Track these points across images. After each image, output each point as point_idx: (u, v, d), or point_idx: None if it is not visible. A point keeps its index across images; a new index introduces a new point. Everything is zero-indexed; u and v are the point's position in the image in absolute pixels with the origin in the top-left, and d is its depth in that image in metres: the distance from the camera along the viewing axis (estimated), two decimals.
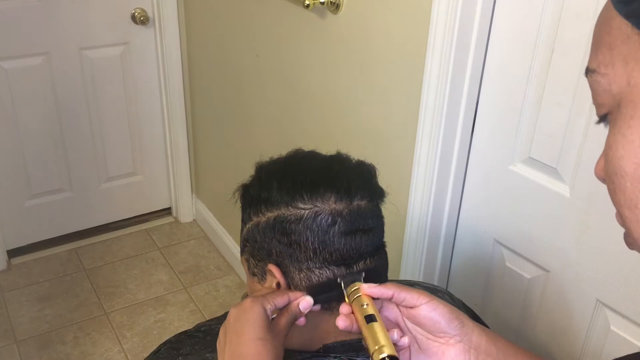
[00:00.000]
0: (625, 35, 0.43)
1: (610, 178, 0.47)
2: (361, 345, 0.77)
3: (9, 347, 2.12)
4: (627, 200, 0.45)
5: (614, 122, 0.46)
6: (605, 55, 0.45)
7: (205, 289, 2.44)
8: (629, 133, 0.44)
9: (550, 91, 1.15)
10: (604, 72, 0.45)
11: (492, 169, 1.32)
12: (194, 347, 0.89)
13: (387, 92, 1.44)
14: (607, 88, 0.45)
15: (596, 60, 0.46)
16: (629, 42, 0.43)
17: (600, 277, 1.16)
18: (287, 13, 1.74)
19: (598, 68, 0.46)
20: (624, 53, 0.43)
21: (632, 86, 0.43)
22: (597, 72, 0.46)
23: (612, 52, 0.44)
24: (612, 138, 0.45)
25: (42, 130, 2.40)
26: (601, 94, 0.46)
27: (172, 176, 2.78)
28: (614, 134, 0.45)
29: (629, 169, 0.44)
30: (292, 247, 0.74)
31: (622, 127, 0.44)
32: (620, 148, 0.44)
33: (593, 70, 0.46)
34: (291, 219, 0.74)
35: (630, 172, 0.44)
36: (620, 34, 0.43)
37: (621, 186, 0.45)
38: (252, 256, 0.80)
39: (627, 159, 0.44)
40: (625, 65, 0.43)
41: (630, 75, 0.43)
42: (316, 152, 0.84)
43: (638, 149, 0.43)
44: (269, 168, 0.81)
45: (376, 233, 0.78)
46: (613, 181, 0.46)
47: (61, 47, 2.33)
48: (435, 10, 1.23)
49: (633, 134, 0.43)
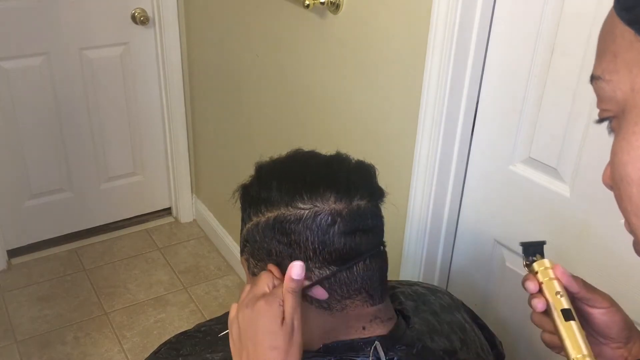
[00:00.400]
0: (628, 42, 0.43)
1: (617, 185, 0.46)
2: (362, 346, 0.76)
3: (9, 347, 2.12)
4: (635, 207, 0.45)
5: (618, 129, 0.45)
6: (609, 62, 0.45)
7: (205, 289, 2.44)
8: (634, 139, 0.43)
9: (550, 91, 1.15)
10: (608, 78, 0.45)
11: (492, 169, 1.32)
12: (194, 347, 0.90)
13: (387, 92, 1.44)
14: (612, 95, 0.45)
15: (600, 67, 0.46)
16: (633, 49, 0.43)
17: (601, 277, 1.16)
18: (287, 13, 1.74)
19: (602, 75, 0.46)
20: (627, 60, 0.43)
21: (636, 92, 0.43)
22: (601, 79, 0.46)
23: (616, 59, 0.44)
24: (617, 145, 0.45)
25: (42, 130, 2.40)
26: (606, 100, 0.46)
27: (172, 176, 2.78)
28: (619, 141, 0.45)
29: (634, 175, 0.44)
30: (291, 247, 0.74)
31: (626, 134, 0.44)
32: (625, 154, 0.44)
33: (598, 77, 0.46)
34: (291, 218, 0.74)
35: (635, 178, 0.44)
36: (623, 41, 0.43)
37: (628, 193, 0.45)
38: (252, 256, 0.80)
39: (632, 165, 0.44)
40: (629, 72, 0.43)
41: (634, 82, 0.43)
42: (316, 152, 0.84)
43: None
44: (269, 168, 0.81)
45: (376, 233, 0.78)
46: (619, 188, 0.46)
47: (61, 47, 2.33)
48: (435, 10, 1.23)
49: (638, 140, 0.43)
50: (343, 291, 0.75)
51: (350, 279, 0.75)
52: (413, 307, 0.92)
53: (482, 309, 1.42)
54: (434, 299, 0.97)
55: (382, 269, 0.79)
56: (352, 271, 0.75)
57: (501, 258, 1.37)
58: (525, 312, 1.37)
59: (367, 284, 0.76)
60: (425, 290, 1.00)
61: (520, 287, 1.41)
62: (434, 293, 0.99)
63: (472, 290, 1.45)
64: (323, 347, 0.77)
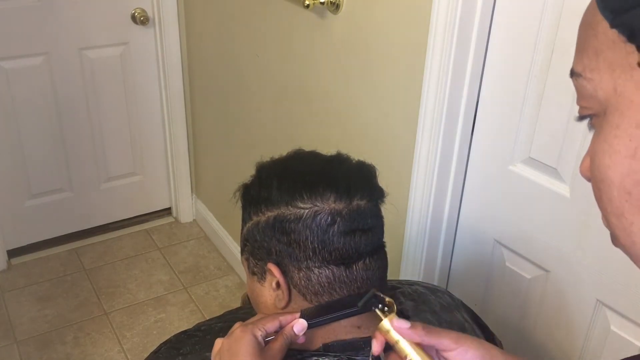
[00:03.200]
0: (611, 41, 0.42)
1: (597, 184, 0.46)
2: (361, 345, 0.77)
3: (9, 347, 2.12)
4: (614, 208, 0.45)
5: (600, 127, 0.45)
6: (591, 59, 0.44)
7: (205, 289, 2.44)
8: (616, 142, 0.43)
9: (550, 91, 1.15)
10: (589, 77, 0.44)
11: (492, 169, 1.32)
12: (194, 346, 0.90)
13: (387, 92, 1.44)
14: (593, 93, 0.44)
15: (581, 64, 0.45)
16: (615, 48, 0.42)
17: (600, 277, 1.16)
18: (287, 13, 1.74)
19: (583, 72, 0.45)
20: (610, 59, 0.42)
21: (619, 94, 0.42)
22: (582, 77, 0.45)
23: (598, 57, 0.43)
24: (598, 145, 0.45)
25: (42, 130, 2.40)
26: (587, 98, 0.45)
27: (172, 176, 2.78)
28: (600, 142, 0.44)
29: (615, 178, 0.43)
30: (291, 246, 0.75)
31: (608, 136, 0.43)
32: (607, 157, 0.44)
33: (578, 74, 0.45)
34: (291, 218, 0.74)
35: (617, 181, 0.43)
36: (606, 39, 0.42)
37: (608, 194, 0.45)
38: (252, 255, 0.80)
39: (614, 168, 0.43)
40: (612, 72, 0.42)
41: (617, 83, 0.42)
42: (317, 152, 0.84)
43: (625, 159, 0.42)
44: (269, 168, 0.81)
45: (375, 233, 0.78)
46: (600, 188, 0.46)
47: (61, 47, 2.33)
48: (435, 10, 1.23)
49: (619, 144, 0.42)
50: (343, 291, 0.76)
51: (350, 278, 0.75)
52: (413, 307, 0.93)
53: (482, 309, 1.42)
54: (434, 299, 0.97)
55: (381, 269, 0.79)
56: (351, 271, 0.75)
57: (501, 258, 1.37)
58: (525, 312, 1.37)
59: (367, 283, 0.76)
60: (425, 289, 1.00)
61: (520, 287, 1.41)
62: (434, 292, 0.99)
63: (472, 290, 1.45)
64: (322, 346, 0.77)
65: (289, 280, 0.76)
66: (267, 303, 0.80)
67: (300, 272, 0.75)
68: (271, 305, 0.79)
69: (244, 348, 0.70)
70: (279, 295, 0.78)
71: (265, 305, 0.81)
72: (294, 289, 0.77)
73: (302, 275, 0.75)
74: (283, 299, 0.77)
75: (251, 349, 0.70)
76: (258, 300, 0.82)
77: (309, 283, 0.75)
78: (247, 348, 0.70)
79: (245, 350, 0.70)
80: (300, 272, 0.75)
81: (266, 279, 0.79)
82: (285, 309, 0.78)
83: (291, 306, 0.78)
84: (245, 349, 0.70)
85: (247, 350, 0.70)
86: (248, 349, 0.70)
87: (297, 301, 0.77)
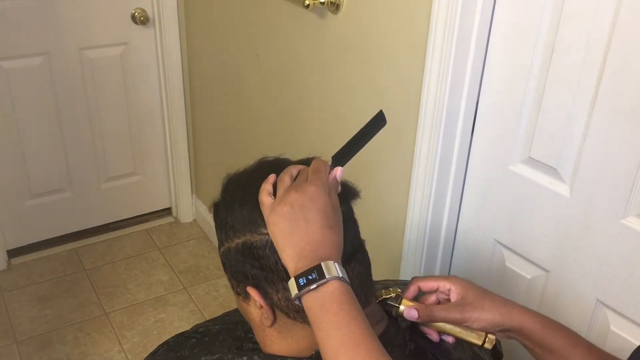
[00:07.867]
0: None
1: None
2: None
3: (9, 347, 2.12)
4: None
5: None
6: None
7: (205, 289, 2.44)
8: None
9: (550, 91, 1.15)
10: None
11: (492, 169, 1.32)
12: (192, 350, 0.89)
13: (387, 92, 1.44)
14: None
15: None
16: None
17: (600, 277, 1.16)
18: (287, 13, 1.74)
19: None
20: None
21: None
22: None
23: None
24: None
25: (42, 130, 2.40)
26: None
27: (172, 176, 2.78)
28: None
29: None
30: (264, 270, 0.73)
31: None
32: None
33: None
34: (257, 244, 0.73)
35: None
36: None
37: None
38: (233, 277, 0.79)
39: None
40: None
41: None
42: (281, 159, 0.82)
43: None
44: (233, 187, 0.80)
45: (351, 238, 0.75)
46: None
47: (61, 47, 2.32)
48: (435, 10, 1.23)
49: None
50: None
51: None
52: None
53: None
54: None
55: (362, 274, 0.77)
56: None
57: (501, 258, 1.37)
58: None
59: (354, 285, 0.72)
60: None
61: (520, 287, 1.41)
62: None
63: None
64: (315, 353, 0.76)
65: (269, 301, 0.75)
66: (256, 321, 0.79)
67: (279, 294, 0.74)
68: (260, 323, 0.79)
69: (321, 207, 0.70)
70: (264, 314, 0.77)
71: (254, 322, 0.80)
72: (276, 309, 0.76)
73: (280, 296, 0.74)
74: (268, 319, 0.76)
75: (328, 209, 0.70)
76: (248, 317, 0.82)
77: (288, 303, 0.74)
78: (324, 208, 0.70)
79: (322, 209, 0.70)
80: (279, 294, 0.74)
81: (250, 299, 0.78)
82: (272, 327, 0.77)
83: (278, 324, 0.77)
84: (323, 209, 0.70)
85: (324, 210, 0.70)
86: (325, 208, 0.70)
87: (282, 318, 0.76)
